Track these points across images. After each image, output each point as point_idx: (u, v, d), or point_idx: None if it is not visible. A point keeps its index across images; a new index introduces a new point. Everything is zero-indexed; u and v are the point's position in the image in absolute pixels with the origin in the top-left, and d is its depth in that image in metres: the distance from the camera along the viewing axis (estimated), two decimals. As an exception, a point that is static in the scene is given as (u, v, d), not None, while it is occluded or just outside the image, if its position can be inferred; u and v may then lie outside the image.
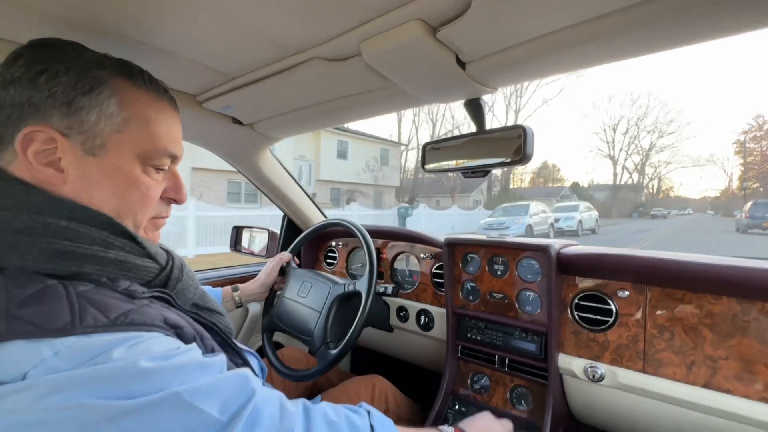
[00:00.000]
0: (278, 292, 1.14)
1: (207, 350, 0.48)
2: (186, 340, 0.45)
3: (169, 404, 0.35)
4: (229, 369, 0.49)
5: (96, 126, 0.45)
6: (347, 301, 1.02)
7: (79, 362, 0.35)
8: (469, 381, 1.09)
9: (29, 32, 0.58)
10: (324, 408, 0.49)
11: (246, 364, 0.56)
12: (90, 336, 0.36)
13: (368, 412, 0.53)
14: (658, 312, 0.82)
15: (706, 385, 0.75)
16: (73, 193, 0.45)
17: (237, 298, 1.03)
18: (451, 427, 0.67)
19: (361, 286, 0.97)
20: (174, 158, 0.54)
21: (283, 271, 1.14)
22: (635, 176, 54.70)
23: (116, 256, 0.45)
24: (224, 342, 0.55)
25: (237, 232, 1.59)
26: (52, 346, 0.35)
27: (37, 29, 0.58)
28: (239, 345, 0.61)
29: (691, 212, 59.27)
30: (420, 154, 0.89)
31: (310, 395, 1.13)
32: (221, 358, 0.44)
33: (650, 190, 59.26)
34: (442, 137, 0.87)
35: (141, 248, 0.49)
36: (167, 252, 0.55)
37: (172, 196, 0.56)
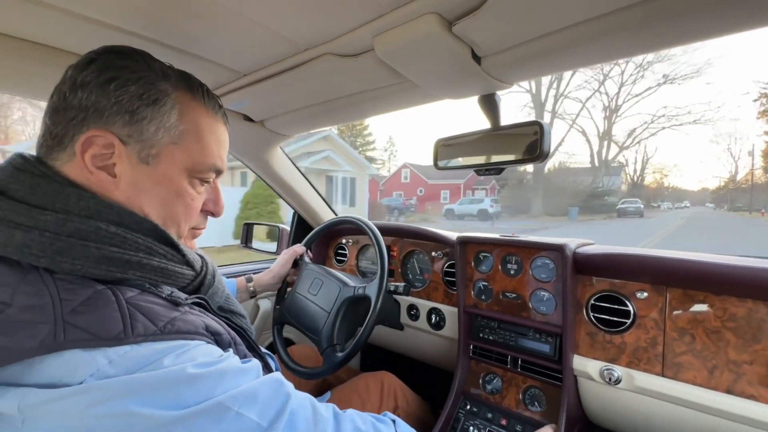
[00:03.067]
0: (290, 285, 1.14)
1: (240, 356, 0.49)
2: (223, 346, 0.46)
3: (213, 412, 0.37)
4: None
5: (154, 136, 0.46)
6: (356, 304, 1.01)
7: (132, 371, 0.36)
8: (480, 381, 1.08)
9: (39, 30, 0.59)
10: (352, 415, 0.50)
11: (267, 366, 0.57)
12: (141, 345, 0.37)
13: (393, 421, 0.55)
14: (679, 314, 0.80)
15: (729, 391, 0.73)
16: (123, 199, 0.46)
17: (251, 288, 1.04)
18: None
19: (371, 290, 0.96)
20: (219, 173, 0.55)
21: (297, 264, 1.14)
22: (594, 142, 33.69)
23: (158, 263, 0.46)
24: (250, 346, 0.56)
25: (247, 228, 1.59)
26: (106, 355, 0.35)
27: (49, 27, 0.58)
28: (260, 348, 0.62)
29: (688, 205, 49.00)
30: (433, 151, 0.87)
31: (320, 391, 1.13)
32: (256, 363, 0.45)
33: (630, 174, 42.64)
34: (455, 134, 0.85)
35: (181, 256, 0.49)
36: (202, 258, 0.56)
37: (211, 208, 0.57)
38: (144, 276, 0.44)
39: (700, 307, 0.78)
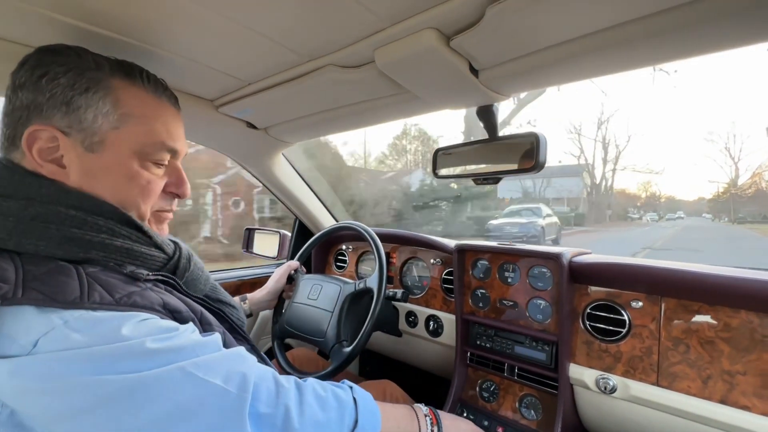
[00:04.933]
0: (287, 300, 1.14)
1: (204, 330, 0.50)
2: (182, 322, 0.47)
3: (176, 377, 0.38)
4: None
5: (94, 124, 0.47)
6: (358, 300, 1.03)
7: (89, 333, 0.37)
8: (477, 388, 1.08)
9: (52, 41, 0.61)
10: (312, 384, 0.52)
11: (255, 348, 0.58)
12: (97, 311, 0.39)
13: (351, 387, 0.56)
14: (673, 324, 0.81)
15: (723, 401, 0.73)
16: (77, 188, 0.47)
17: (246, 307, 1.03)
18: (427, 407, 0.68)
19: (372, 282, 0.99)
20: (174, 153, 0.55)
21: (291, 279, 1.15)
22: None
23: (122, 244, 0.47)
24: (232, 328, 0.56)
25: (249, 233, 1.61)
26: (61, 316, 0.37)
27: (60, 39, 0.60)
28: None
29: (683, 216, 40.07)
30: (432, 160, 0.89)
31: None
32: (216, 336, 0.46)
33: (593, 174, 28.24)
34: (454, 144, 0.87)
35: (147, 237, 0.50)
36: (175, 243, 0.57)
37: (174, 190, 0.58)
38: (108, 256, 0.45)
39: (695, 317, 0.79)
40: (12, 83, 0.47)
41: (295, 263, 1.16)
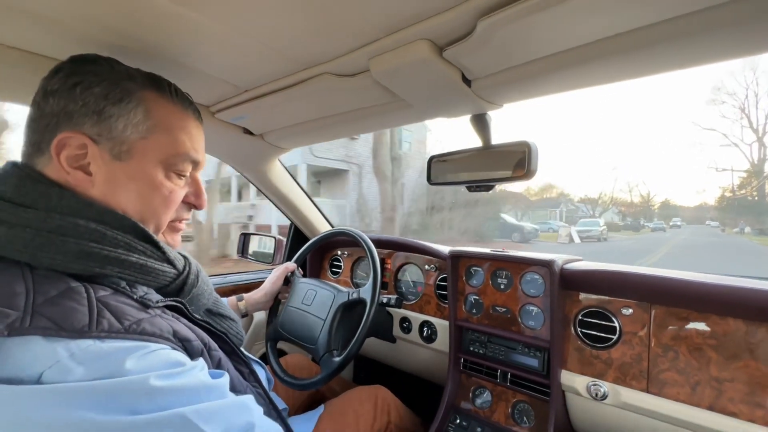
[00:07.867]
0: (282, 302, 1.15)
1: (213, 364, 0.49)
2: (193, 354, 0.46)
3: (173, 423, 0.36)
4: (235, 378, 0.50)
5: (123, 133, 0.48)
6: (351, 309, 1.03)
7: (92, 368, 0.36)
8: (470, 395, 1.09)
9: (45, 46, 0.62)
10: None
11: (253, 373, 0.57)
12: (104, 341, 0.38)
13: None
14: (663, 331, 0.82)
15: (711, 408, 0.74)
16: (100, 195, 0.48)
17: (242, 307, 1.04)
18: None
19: (365, 293, 0.99)
20: (195, 164, 0.56)
21: (288, 281, 1.15)
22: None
23: (137, 259, 0.47)
24: (233, 351, 0.56)
25: (244, 238, 1.61)
26: (67, 347, 0.36)
27: (57, 44, 0.61)
28: (247, 354, 0.62)
29: (679, 223, 31.04)
30: (426, 168, 0.90)
31: (314, 404, 1.13)
32: (225, 380, 0.45)
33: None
34: (448, 151, 0.88)
35: (161, 253, 0.51)
36: (185, 257, 0.57)
37: (193, 201, 0.59)
38: (122, 272, 0.45)
39: (683, 324, 0.80)
40: (42, 90, 0.47)
41: (292, 265, 1.16)
